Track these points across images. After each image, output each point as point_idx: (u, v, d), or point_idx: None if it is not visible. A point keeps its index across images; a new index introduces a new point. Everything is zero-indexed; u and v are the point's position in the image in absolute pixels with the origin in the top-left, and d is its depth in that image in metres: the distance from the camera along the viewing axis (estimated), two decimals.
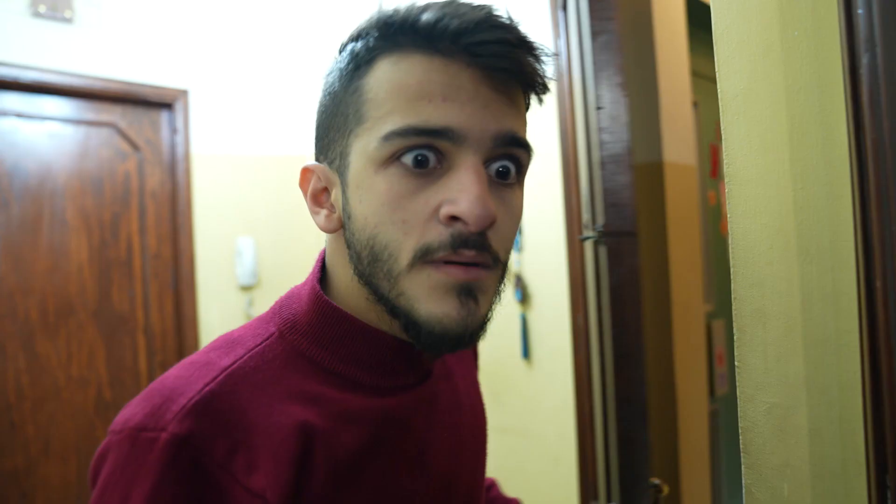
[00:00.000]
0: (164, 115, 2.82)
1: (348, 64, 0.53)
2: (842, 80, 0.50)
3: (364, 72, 0.52)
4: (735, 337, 0.61)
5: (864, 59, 0.47)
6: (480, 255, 0.49)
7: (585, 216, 0.99)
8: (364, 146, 0.51)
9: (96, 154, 2.64)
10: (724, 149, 0.62)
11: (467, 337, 0.51)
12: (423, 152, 0.49)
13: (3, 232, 2.39)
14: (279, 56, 3.07)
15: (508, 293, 2.16)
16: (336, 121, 0.54)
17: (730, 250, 0.62)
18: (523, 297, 2.09)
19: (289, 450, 0.48)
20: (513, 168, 0.53)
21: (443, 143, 0.49)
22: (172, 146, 2.83)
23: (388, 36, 0.51)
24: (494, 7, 0.51)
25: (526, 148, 0.53)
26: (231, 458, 0.46)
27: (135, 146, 2.74)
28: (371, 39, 0.52)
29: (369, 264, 0.51)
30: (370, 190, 0.50)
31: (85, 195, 2.60)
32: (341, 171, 0.53)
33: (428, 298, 0.49)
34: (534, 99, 0.56)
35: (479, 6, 0.50)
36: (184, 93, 2.82)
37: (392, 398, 0.56)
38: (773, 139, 0.57)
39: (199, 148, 2.86)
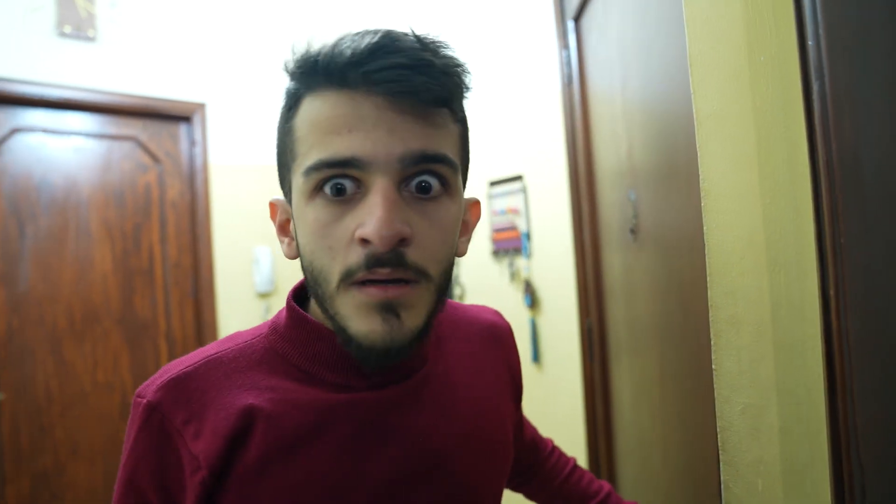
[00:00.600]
0: (182, 128, 2.91)
1: (285, 105, 0.59)
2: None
3: (294, 112, 0.57)
4: (711, 342, 0.65)
5: (815, 87, 0.51)
6: (396, 271, 0.52)
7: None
8: (296, 181, 0.56)
9: (118, 167, 2.72)
10: (699, 166, 0.66)
11: (394, 351, 0.54)
12: (340, 181, 0.53)
13: (32, 243, 2.49)
14: None
15: (518, 298, 2.20)
16: (283, 158, 0.59)
17: (706, 261, 0.66)
18: (532, 302, 2.13)
19: (227, 426, 0.56)
20: (435, 182, 0.55)
21: (353, 171, 0.52)
22: (191, 158, 2.91)
23: (301, 78, 0.56)
24: (394, 31, 0.53)
25: (444, 161, 0.55)
26: (186, 425, 0.57)
27: (155, 158, 2.82)
28: (292, 82, 0.57)
29: (313, 287, 0.57)
30: (303, 221, 0.55)
31: (108, 206, 2.68)
32: (291, 204, 0.59)
33: (355, 317, 0.54)
34: (460, 110, 0.59)
35: (372, 33, 0.53)
36: (201, 106, 2.91)
37: (350, 395, 0.60)
38: (743, 157, 0.61)
39: (217, 159, 2.94)
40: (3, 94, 2.40)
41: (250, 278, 3.01)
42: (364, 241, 0.52)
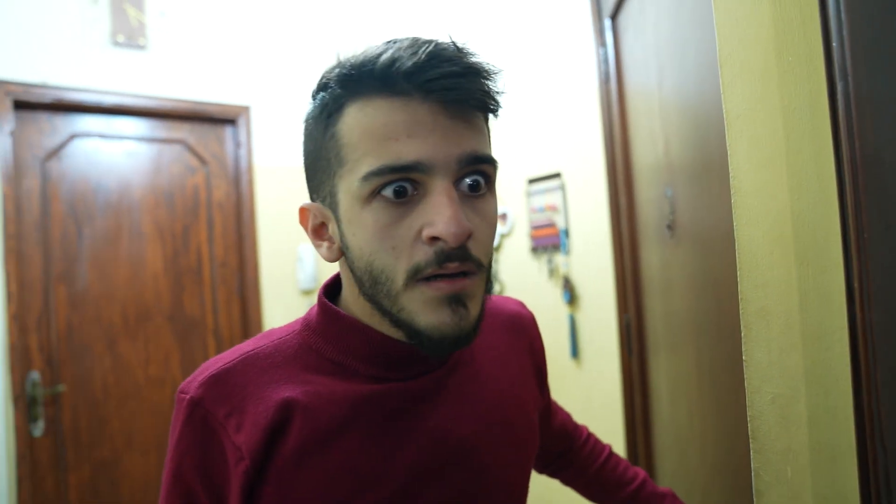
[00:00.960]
0: (228, 131, 3.01)
1: (321, 112, 0.60)
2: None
3: (336, 119, 0.58)
4: (742, 334, 0.67)
5: (839, 87, 0.53)
6: (464, 264, 0.56)
7: None
8: (348, 186, 0.58)
9: (168, 169, 2.84)
10: (729, 163, 0.68)
11: (463, 338, 0.58)
12: (401, 184, 0.55)
13: (89, 244, 2.61)
14: None
15: (557, 295, 2.22)
16: (321, 164, 0.61)
17: (736, 255, 0.68)
18: (571, 298, 2.15)
19: (266, 418, 0.59)
20: (482, 180, 0.59)
21: (415, 174, 0.55)
22: (236, 159, 3.00)
23: (349, 85, 0.57)
24: (438, 40, 0.56)
25: (489, 162, 0.59)
26: (228, 419, 0.59)
27: (202, 160, 2.93)
28: (336, 89, 0.58)
29: (371, 286, 0.59)
30: (360, 224, 0.58)
31: (158, 208, 2.80)
32: (333, 208, 0.61)
33: (424, 311, 0.57)
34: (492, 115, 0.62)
35: (426, 42, 0.55)
36: (246, 109, 3.00)
37: (382, 386, 0.63)
38: (772, 155, 0.63)
39: (261, 160, 3.03)
40: (63, 102, 2.53)
41: (294, 276, 3.09)
42: (433, 239, 0.55)
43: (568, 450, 0.94)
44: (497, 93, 0.58)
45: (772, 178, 0.63)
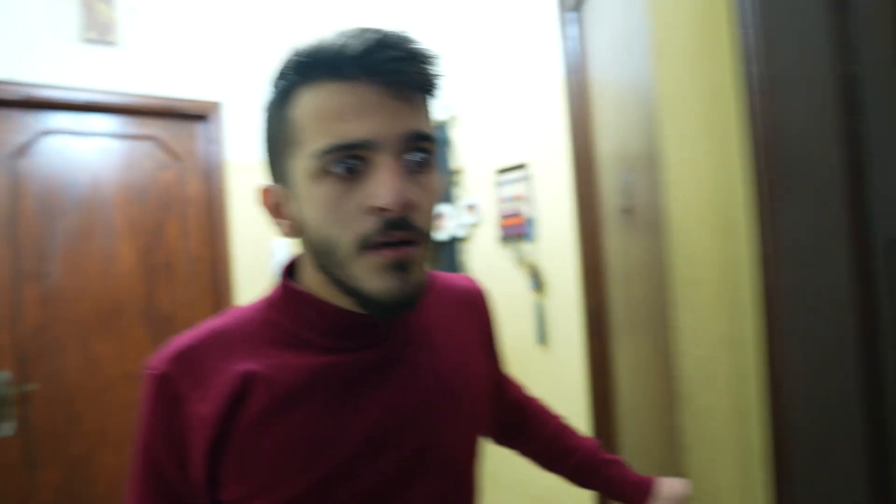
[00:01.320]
0: (199, 127, 3.01)
1: (277, 99, 0.65)
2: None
3: (288, 103, 0.63)
4: (672, 301, 0.72)
5: (754, 69, 0.58)
6: (407, 233, 0.61)
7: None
8: (302, 165, 0.62)
9: (140, 165, 2.83)
10: (661, 143, 0.73)
11: (408, 302, 0.63)
12: (350, 161, 0.60)
13: (61, 240, 2.61)
14: None
15: (524, 282, 2.28)
16: (277, 147, 0.66)
17: (669, 228, 0.73)
18: (538, 285, 2.20)
19: (227, 388, 0.63)
20: (424, 156, 0.63)
21: (362, 151, 0.60)
22: (208, 155, 3.01)
23: (303, 72, 0.62)
24: (383, 28, 0.61)
25: (431, 139, 0.64)
26: (192, 391, 0.64)
27: (174, 156, 2.93)
28: (291, 76, 0.63)
29: (324, 258, 0.64)
30: (311, 200, 0.62)
31: (131, 204, 2.79)
32: (290, 187, 0.65)
33: (371, 278, 0.61)
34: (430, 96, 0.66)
35: (373, 31, 0.60)
36: (217, 105, 3.01)
37: (337, 356, 0.67)
38: (698, 133, 0.68)
39: (233, 156, 3.04)
40: (32, 99, 2.51)
41: (267, 270, 3.11)
42: (379, 210, 0.59)
43: (521, 421, 0.98)
44: (435, 76, 0.63)
45: (697, 155, 0.68)
